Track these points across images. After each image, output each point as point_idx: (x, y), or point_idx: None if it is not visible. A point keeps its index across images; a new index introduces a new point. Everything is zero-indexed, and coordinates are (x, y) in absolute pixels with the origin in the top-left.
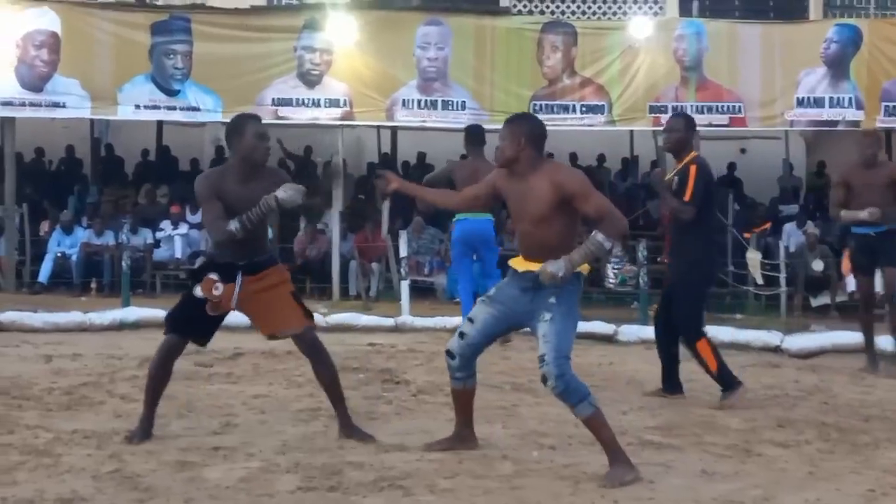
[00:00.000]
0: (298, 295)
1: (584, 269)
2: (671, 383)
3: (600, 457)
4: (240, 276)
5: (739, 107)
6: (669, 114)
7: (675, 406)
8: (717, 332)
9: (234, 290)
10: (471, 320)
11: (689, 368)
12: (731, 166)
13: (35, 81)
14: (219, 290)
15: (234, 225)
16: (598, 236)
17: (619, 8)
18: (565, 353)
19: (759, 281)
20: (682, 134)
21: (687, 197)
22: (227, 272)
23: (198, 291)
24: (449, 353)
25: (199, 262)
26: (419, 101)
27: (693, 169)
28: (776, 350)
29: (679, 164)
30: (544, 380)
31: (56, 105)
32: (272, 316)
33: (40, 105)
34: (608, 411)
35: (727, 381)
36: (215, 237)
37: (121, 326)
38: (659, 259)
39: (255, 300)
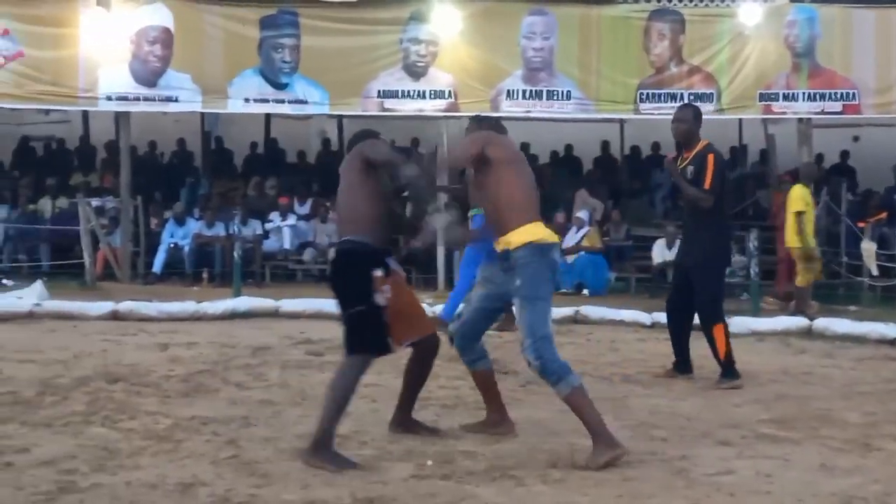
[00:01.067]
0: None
1: (546, 238)
2: (685, 364)
3: (714, 449)
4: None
5: (853, 93)
6: (781, 102)
7: (789, 399)
8: (832, 324)
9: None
10: (467, 302)
11: (803, 362)
12: (844, 154)
13: (148, 76)
14: (387, 290)
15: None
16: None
17: None
18: (540, 334)
19: (875, 272)
20: (690, 125)
21: (707, 185)
22: (377, 261)
23: (380, 299)
24: (450, 337)
25: (346, 257)
26: (524, 92)
27: (711, 158)
28: (893, 343)
29: (690, 153)
30: (528, 363)
31: (169, 99)
32: (406, 320)
33: (154, 99)
34: (721, 404)
35: (730, 371)
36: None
37: (232, 316)
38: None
39: (398, 293)
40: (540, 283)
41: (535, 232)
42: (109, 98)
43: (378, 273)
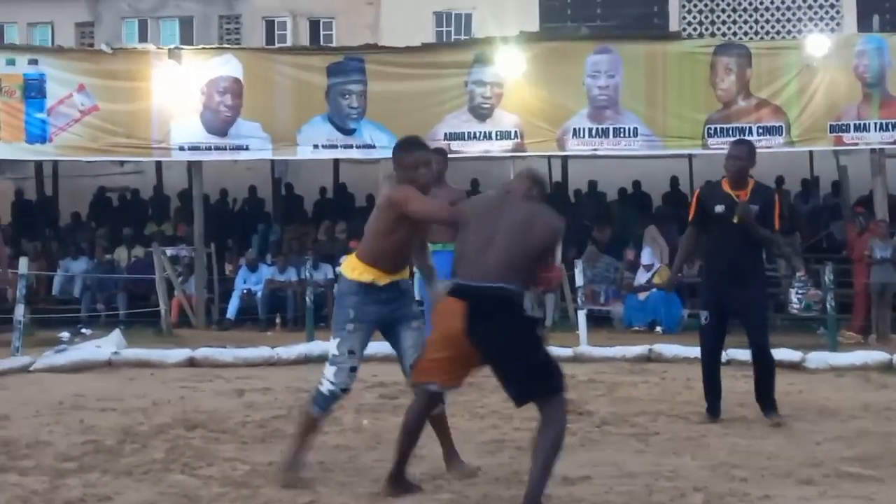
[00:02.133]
0: None
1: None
2: (718, 407)
3: (797, 489)
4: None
5: None
6: (852, 132)
7: (872, 436)
8: None
9: None
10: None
11: (885, 398)
12: None
13: (219, 126)
14: None
15: None
16: None
17: (794, 26)
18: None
19: None
20: (745, 161)
21: (777, 227)
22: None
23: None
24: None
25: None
26: (590, 130)
27: (777, 198)
28: None
29: (745, 191)
30: None
31: (239, 148)
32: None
33: (225, 148)
34: (802, 441)
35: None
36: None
37: (306, 360)
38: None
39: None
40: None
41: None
42: (182, 148)
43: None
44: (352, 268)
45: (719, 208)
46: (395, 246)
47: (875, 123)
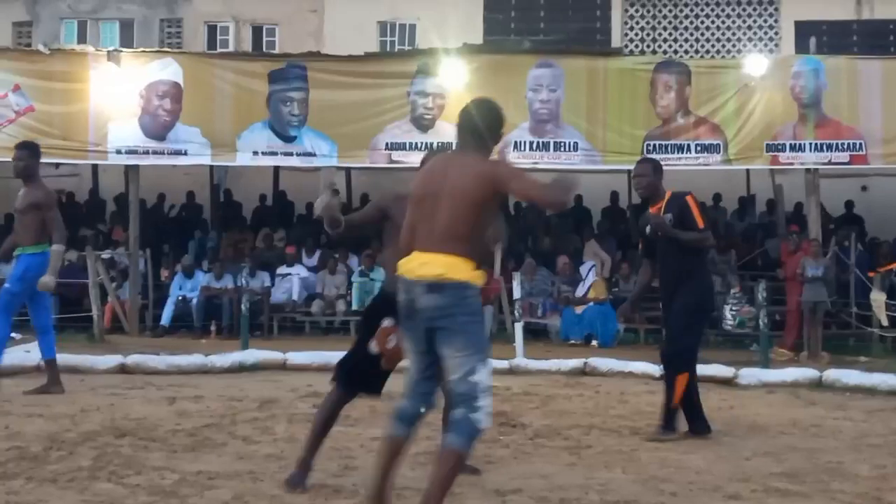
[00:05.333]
0: None
1: None
2: (702, 423)
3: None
4: None
5: (860, 144)
6: (788, 152)
7: (800, 451)
8: (842, 375)
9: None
10: None
11: (813, 414)
12: (849, 204)
13: (158, 130)
14: (393, 341)
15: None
16: None
17: (734, 46)
18: None
19: (885, 322)
20: (651, 178)
21: (701, 224)
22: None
23: (373, 347)
24: None
25: (368, 301)
26: (531, 143)
27: (690, 199)
28: None
29: (659, 205)
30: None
31: (178, 153)
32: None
33: (163, 153)
34: (731, 456)
35: (672, 422)
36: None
37: (240, 369)
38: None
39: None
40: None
41: None
42: (119, 152)
43: (388, 324)
44: (470, 271)
45: (647, 229)
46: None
47: (810, 144)
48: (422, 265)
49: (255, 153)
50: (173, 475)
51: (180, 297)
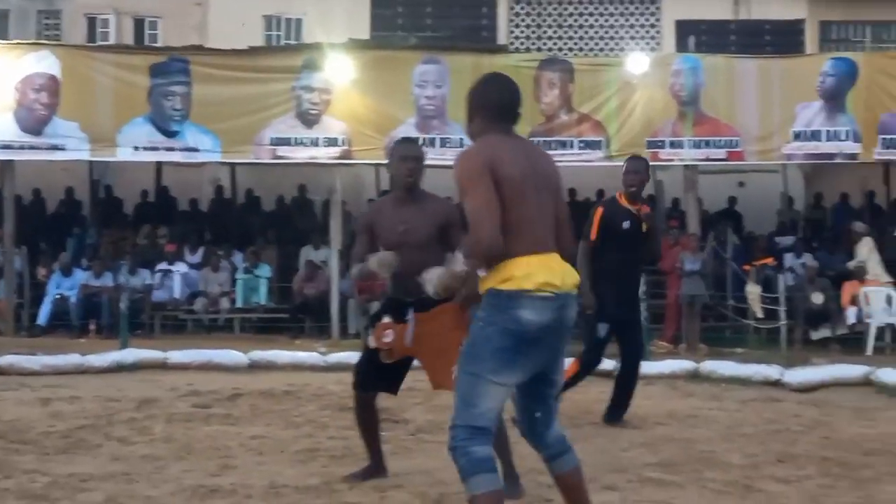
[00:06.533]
0: None
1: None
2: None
3: (600, 495)
4: (411, 313)
5: (737, 141)
6: (668, 149)
7: (676, 442)
8: (718, 366)
9: (408, 329)
10: None
11: (690, 405)
12: (732, 200)
13: (34, 124)
14: (389, 336)
15: (354, 270)
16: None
17: (616, 44)
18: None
19: (760, 314)
20: (645, 176)
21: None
22: (399, 309)
23: (370, 342)
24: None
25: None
26: (417, 140)
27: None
28: (777, 384)
29: (641, 205)
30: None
31: (55, 147)
32: (442, 364)
33: (39, 148)
34: (609, 448)
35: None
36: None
37: (119, 368)
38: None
39: (430, 341)
40: (478, 341)
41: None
42: None
43: (386, 319)
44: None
45: (627, 224)
46: None
47: (689, 140)
48: (564, 273)
49: (137, 148)
50: (45, 478)
51: (58, 296)
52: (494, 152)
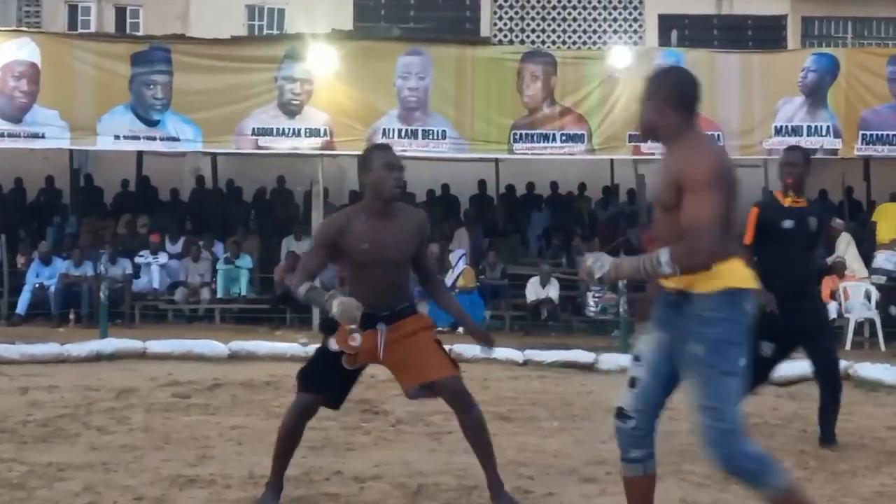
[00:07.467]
0: (441, 343)
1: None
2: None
3: (579, 486)
4: (382, 325)
5: (718, 136)
6: (649, 143)
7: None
8: None
9: (379, 338)
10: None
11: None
12: None
13: (14, 112)
14: (356, 340)
15: (302, 289)
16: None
17: (599, 38)
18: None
19: None
20: (802, 168)
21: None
22: (366, 320)
23: (332, 344)
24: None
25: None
26: (399, 131)
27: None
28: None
29: (802, 200)
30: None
31: (35, 136)
32: (415, 364)
33: (19, 136)
34: (588, 440)
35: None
36: (290, 285)
37: (98, 358)
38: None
39: (397, 348)
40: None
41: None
42: None
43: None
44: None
45: (790, 224)
46: None
47: None
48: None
49: (117, 137)
50: (22, 467)
51: (37, 285)
52: (728, 156)
